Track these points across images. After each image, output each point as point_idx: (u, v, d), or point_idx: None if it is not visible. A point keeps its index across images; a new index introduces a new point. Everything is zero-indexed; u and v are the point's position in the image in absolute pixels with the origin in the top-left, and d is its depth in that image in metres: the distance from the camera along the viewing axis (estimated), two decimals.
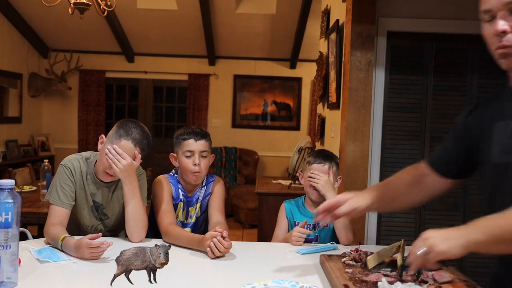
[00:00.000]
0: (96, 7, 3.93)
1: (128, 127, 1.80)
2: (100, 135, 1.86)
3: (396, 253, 1.39)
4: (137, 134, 1.79)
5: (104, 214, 1.92)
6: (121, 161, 1.75)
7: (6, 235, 1.24)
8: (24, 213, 2.76)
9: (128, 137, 1.78)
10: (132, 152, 1.78)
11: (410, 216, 2.88)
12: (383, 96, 2.87)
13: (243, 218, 5.55)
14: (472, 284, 1.27)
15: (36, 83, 6.39)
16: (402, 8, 2.83)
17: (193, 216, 2.07)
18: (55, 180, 1.84)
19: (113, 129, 1.82)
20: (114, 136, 1.79)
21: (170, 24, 5.95)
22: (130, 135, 1.78)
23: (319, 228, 2.02)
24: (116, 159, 1.75)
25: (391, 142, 2.89)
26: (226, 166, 6.63)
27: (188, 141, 1.97)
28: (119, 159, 1.75)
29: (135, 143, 1.79)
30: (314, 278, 1.44)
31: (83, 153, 1.91)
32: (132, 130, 1.79)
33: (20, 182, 3.85)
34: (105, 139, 1.83)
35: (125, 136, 1.78)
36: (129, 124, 1.81)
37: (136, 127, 1.81)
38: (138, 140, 1.79)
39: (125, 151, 1.77)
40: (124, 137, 1.78)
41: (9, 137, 5.95)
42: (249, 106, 6.89)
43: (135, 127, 1.81)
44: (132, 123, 1.82)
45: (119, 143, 1.77)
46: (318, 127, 4.00)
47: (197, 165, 1.95)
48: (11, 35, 5.95)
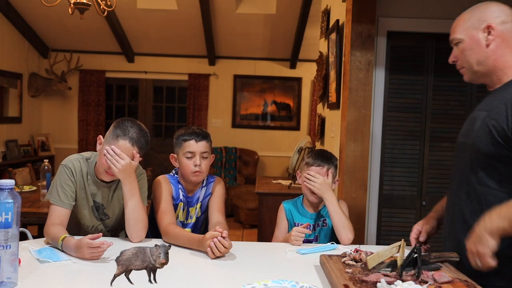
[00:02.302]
0: (96, 7, 3.93)
1: (125, 127, 1.79)
2: (98, 136, 1.86)
3: (396, 253, 1.39)
4: (134, 133, 1.79)
5: (105, 214, 1.92)
6: (119, 161, 1.75)
7: (6, 235, 1.24)
8: (24, 213, 2.76)
9: (125, 136, 1.77)
10: (130, 152, 1.78)
11: (410, 216, 2.88)
12: (383, 96, 2.87)
13: (243, 218, 5.55)
14: (472, 284, 1.27)
15: (36, 83, 6.39)
16: (402, 8, 2.83)
17: (193, 216, 2.07)
18: (55, 180, 1.84)
19: (110, 129, 1.82)
20: (112, 136, 1.78)
21: (170, 24, 5.95)
22: (127, 134, 1.77)
23: (318, 228, 2.02)
24: (115, 159, 1.75)
25: (391, 142, 2.90)
26: (226, 166, 6.63)
27: (189, 142, 1.97)
28: (118, 159, 1.75)
29: (133, 142, 1.78)
30: (314, 278, 1.44)
31: (84, 153, 1.91)
32: (129, 130, 1.78)
33: (20, 182, 3.85)
34: (103, 140, 1.82)
35: (122, 136, 1.77)
36: (125, 124, 1.80)
37: (133, 126, 1.80)
38: (136, 139, 1.78)
39: (123, 151, 1.76)
40: (122, 137, 1.77)
41: (9, 137, 5.95)
42: (249, 106, 6.89)
43: (132, 126, 1.80)
44: (129, 122, 1.81)
45: (116, 143, 1.76)
46: (318, 127, 4.00)
47: (198, 165, 1.95)
48: (11, 35, 5.95)
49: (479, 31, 1.47)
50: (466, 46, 1.49)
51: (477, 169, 1.44)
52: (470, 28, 1.48)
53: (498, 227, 1.27)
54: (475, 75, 1.51)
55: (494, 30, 1.45)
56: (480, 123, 1.44)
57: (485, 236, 1.28)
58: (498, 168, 1.40)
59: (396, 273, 1.32)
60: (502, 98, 1.41)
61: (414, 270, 1.30)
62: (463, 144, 1.52)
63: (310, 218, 2.02)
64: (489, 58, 1.46)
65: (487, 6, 1.49)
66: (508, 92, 1.41)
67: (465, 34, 1.49)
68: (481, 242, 1.28)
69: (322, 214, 2.03)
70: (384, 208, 2.93)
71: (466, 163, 1.48)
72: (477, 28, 1.47)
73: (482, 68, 1.48)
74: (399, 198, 2.92)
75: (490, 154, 1.40)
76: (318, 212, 2.03)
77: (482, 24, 1.46)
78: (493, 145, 1.39)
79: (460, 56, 1.52)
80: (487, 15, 1.47)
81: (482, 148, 1.41)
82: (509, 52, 1.46)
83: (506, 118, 1.35)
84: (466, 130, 1.53)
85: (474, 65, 1.49)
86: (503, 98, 1.40)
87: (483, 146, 1.41)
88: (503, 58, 1.46)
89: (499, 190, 1.39)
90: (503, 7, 1.49)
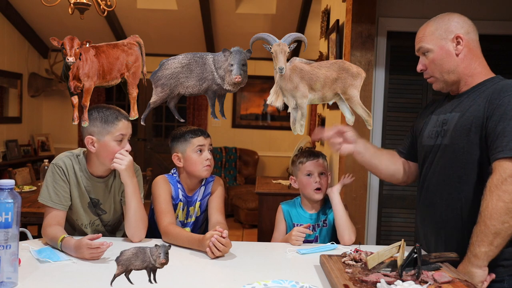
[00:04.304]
0: (96, 7, 3.93)
1: (107, 110, 1.76)
2: (86, 138, 1.75)
3: (396, 253, 1.39)
4: (118, 111, 1.78)
5: (102, 210, 1.89)
6: (124, 159, 1.74)
7: (6, 235, 1.24)
8: (24, 213, 2.77)
9: (119, 117, 1.75)
10: (130, 128, 1.79)
11: (410, 216, 2.88)
12: (383, 96, 2.87)
13: (243, 218, 5.55)
14: (472, 284, 1.27)
15: (36, 83, 6.39)
16: (402, 8, 2.83)
17: (192, 216, 2.07)
18: (46, 180, 1.79)
19: (94, 122, 1.74)
20: (104, 125, 1.73)
21: (170, 24, 5.96)
22: (118, 114, 1.76)
23: (318, 228, 2.02)
24: (119, 158, 1.74)
25: (391, 142, 2.89)
26: (226, 166, 6.63)
27: (198, 138, 2.01)
28: (121, 157, 1.74)
29: (127, 118, 1.78)
30: (314, 278, 1.44)
31: (74, 151, 1.86)
32: (113, 110, 1.77)
33: (20, 182, 3.85)
34: (95, 139, 1.74)
35: (116, 118, 1.75)
36: (102, 109, 1.76)
37: (109, 107, 1.79)
38: (124, 114, 1.78)
39: (126, 130, 1.76)
40: (117, 119, 1.74)
41: (9, 137, 5.95)
42: (249, 106, 6.89)
43: (109, 107, 1.78)
44: (103, 108, 1.77)
45: (116, 127, 1.74)
46: (318, 127, 4.00)
47: (209, 159, 2.00)
48: (11, 35, 5.96)
49: (448, 41, 1.56)
50: (436, 56, 1.57)
51: (457, 168, 1.51)
52: (439, 39, 1.57)
53: (480, 254, 1.37)
54: (445, 83, 1.60)
55: (462, 40, 1.54)
56: (454, 124, 1.53)
57: (471, 271, 1.38)
58: (475, 168, 1.47)
59: (396, 273, 1.32)
60: (477, 97, 1.50)
61: (414, 270, 1.30)
62: (437, 146, 1.59)
63: (310, 219, 2.02)
64: (459, 67, 1.56)
65: (451, 17, 1.58)
66: (483, 92, 1.50)
67: (434, 44, 1.57)
68: (471, 278, 1.36)
69: (321, 214, 2.03)
70: (384, 208, 2.93)
71: (445, 164, 1.56)
72: (446, 38, 1.56)
73: (452, 76, 1.57)
74: (399, 198, 2.92)
75: (468, 153, 1.48)
76: (317, 213, 2.03)
77: (450, 34, 1.55)
78: (471, 145, 1.47)
79: (429, 66, 1.60)
80: (453, 26, 1.56)
81: (461, 148, 1.50)
82: (475, 60, 1.56)
83: (483, 114, 1.45)
84: (436, 132, 1.61)
85: (445, 74, 1.58)
86: (479, 97, 1.50)
87: (462, 146, 1.49)
88: (471, 66, 1.56)
89: (477, 189, 1.46)
90: (464, 18, 1.58)
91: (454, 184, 1.53)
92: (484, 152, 1.45)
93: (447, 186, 1.55)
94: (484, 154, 1.45)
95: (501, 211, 1.34)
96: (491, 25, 2.80)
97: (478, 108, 1.47)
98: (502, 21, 2.81)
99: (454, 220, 1.53)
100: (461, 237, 1.50)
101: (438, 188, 1.59)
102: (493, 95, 1.45)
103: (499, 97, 1.43)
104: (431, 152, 1.63)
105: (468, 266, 1.40)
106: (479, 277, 1.38)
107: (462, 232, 1.50)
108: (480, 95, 1.51)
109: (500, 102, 1.42)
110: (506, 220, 1.34)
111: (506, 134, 1.37)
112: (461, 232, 1.51)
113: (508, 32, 2.81)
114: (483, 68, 1.58)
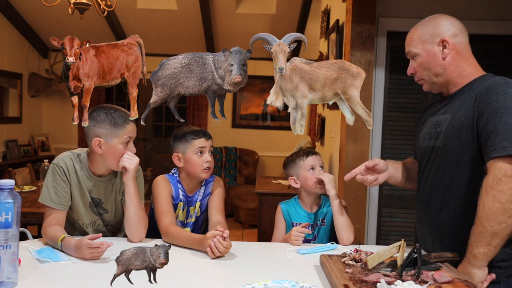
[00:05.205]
0: (96, 7, 3.93)
1: (117, 113, 1.76)
2: (94, 139, 1.74)
3: (396, 253, 1.39)
4: (124, 113, 1.78)
5: (103, 209, 1.88)
6: (133, 159, 1.75)
7: (6, 235, 1.24)
8: (24, 213, 2.77)
9: (128, 119, 1.76)
10: (136, 131, 1.80)
11: (410, 216, 2.88)
12: (383, 96, 2.87)
13: (243, 218, 5.55)
14: (472, 284, 1.27)
15: (36, 83, 6.39)
16: (402, 8, 2.83)
17: (193, 216, 2.07)
18: (47, 181, 1.78)
19: (103, 124, 1.73)
20: (113, 127, 1.73)
21: (170, 24, 5.96)
22: (125, 117, 1.76)
23: (317, 227, 2.02)
24: (129, 158, 1.75)
25: (391, 142, 2.90)
26: (226, 166, 6.63)
27: (199, 140, 1.99)
28: (131, 157, 1.75)
29: (133, 120, 1.78)
30: (314, 278, 1.44)
31: (74, 150, 1.86)
32: (119, 113, 1.77)
33: (20, 182, 3.85)
34: (102, 140, 1.74)
35: (124, 121, 1.75)
36: (110, 110, 1.76)
37: (115, 109, 1.78)
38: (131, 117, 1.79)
39: (133, 133, 1.77)
40: (125, 122, 1.75)
41: (9, 137, 5.95)
42: (249, 106, 6.89)
43: (115, 109, 1.78)
44: (111, 109, 1.77)
45: (124, 130, 1.74)
46: (318, 127, 4.00)
47: (209, 161, 1.99)
48: (11, 35, 5.96)
49: (434, 45, 1.57)
50: (423, 60, 1.59)
51: (450, 169, 1.53)
52: (425, 43, 1.58)
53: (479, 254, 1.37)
54: (434, 85, 1.63)
55: (448, 44, 1.55)
56: (446, 125, 1.55)
57: (471, 271, 1.39)
58: (468, 168, 1.49)
59: (396, 273, 1.32)
60: (467, 97, 1.52)
61: (414, 270, 1.30)
62: (431, 148, 1.61)
63: (308, 218, 2.02)
64: (446, 70, 1.57)
65: (438, 20, 1.59)
66: (472, 92, 1.51)
67: (421, 48, 1.59)
68: (471, 279, 1.36)
69: (319, 213, 2.03)
70: (384, 208, 2.93)
71: (438, 165, 1.57)
72: (432, 42, 1.57)
73: (441, 79, 1.59)
74: (399, 198, 2.92)
75: (461, 154, 1.50)
76: (316, 212, 2.03)
77: (436, 38, 1.56)
78: (463, 145, 1.48)
79: (418, 69, 1.62)
80: (439, 29, 1.57)
81: (454, 149, 1.51)
82: (464, 61, 1.57)
83: (473, 114, 1.46)
84: (430, 133, 1.64)
85: (433, 77, 1.60)
86: (469, 97, 1.51)
87: (454, 147, 1.51)
88: (459, 68, 1.57)
89: (470, 190, 1.47)
90: (452, 19, 1.58)
91: (447, 185, 1.54)
92: (477, 152, 1.46)
93: (440, 187, 1.56)
94: (477, 154, 1.46)
95: (498, 212, 1.34)
96: (491, 25, 2.80)
97: (468, 109, 1.49)
98: (502, 21, 2.81)
99: (448, 220, 1.54)
100: (456, 238, 1.51)
101: (433, 189, 1.60)
102: (481, 93, 1.46)
103: (488, 96, 1.44)
104: (426, 153, 1.64)
105: (468, 267, 1.40)
106: (479, 278, 1.38)
107: (457, 233, 1.50)
108: (469, 95, 1.52)
109: (489, 100, 1.43)
110: (503, 220, 1.34)
111: (498, 133, 1.37)
112: (456, 232, 1.52)
113: (508, 32, 2.81)
114: (473, 69, 1.58)
